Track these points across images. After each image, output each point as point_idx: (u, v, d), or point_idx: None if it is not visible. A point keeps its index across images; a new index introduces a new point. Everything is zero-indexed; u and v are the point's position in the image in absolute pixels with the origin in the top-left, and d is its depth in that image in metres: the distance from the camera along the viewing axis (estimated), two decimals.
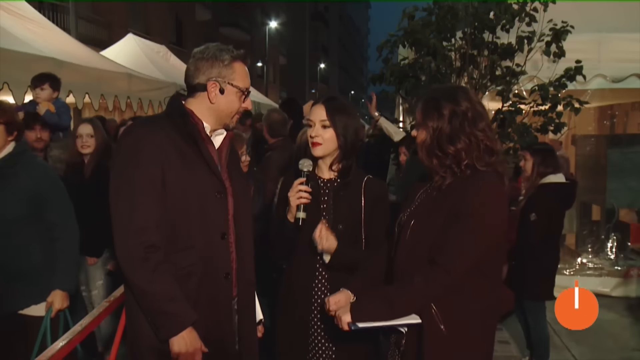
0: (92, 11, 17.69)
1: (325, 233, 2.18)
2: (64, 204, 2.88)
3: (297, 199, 2.19)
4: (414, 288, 1.81)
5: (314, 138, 2.26)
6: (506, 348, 4.40)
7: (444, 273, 1.78)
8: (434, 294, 1.80)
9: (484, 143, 1.86)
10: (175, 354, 1.88)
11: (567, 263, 5.94)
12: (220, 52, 1.97)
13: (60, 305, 2.78)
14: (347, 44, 71.27)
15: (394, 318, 1.83)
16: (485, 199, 1.80)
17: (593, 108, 7.26)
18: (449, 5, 4.79)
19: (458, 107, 1.86)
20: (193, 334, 1.89)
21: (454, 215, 1.80)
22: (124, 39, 10.88)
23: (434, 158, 1.88)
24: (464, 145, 1.84)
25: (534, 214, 3.84)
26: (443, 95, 1.91)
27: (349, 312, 1.86)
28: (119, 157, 1.95)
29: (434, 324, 1.80)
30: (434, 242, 1.83)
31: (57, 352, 2.02)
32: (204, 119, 1.99)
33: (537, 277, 3.86)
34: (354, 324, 1.85)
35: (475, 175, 1.84)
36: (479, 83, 4.81)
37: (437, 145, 1.86)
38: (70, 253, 2.86)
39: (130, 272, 1.87)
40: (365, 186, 2.33)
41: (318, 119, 2.27)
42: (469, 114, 1.86)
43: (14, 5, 6.44)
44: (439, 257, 1.79)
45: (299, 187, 2.20)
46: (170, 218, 1.90)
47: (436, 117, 1.87)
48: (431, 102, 1.91)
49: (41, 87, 4.69)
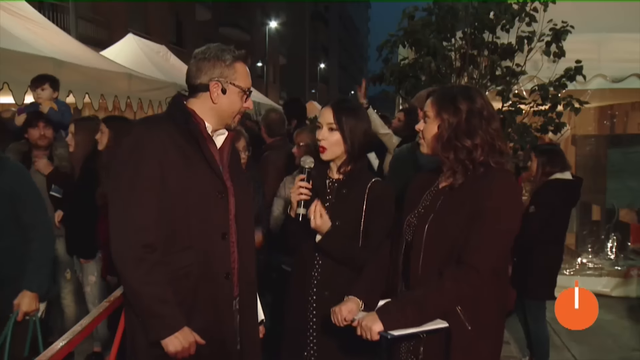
0: (92, 11, 17.69)
1: (320, 209, 2.20)
2: (38, 205, 2.85)
3: (298, 195, 2.23)
4: (444, 290, 1.77)
5: (320, 142, 2.29)
6: (506, 348, 4.39)
7: (474, 272, 1.76)
8: (464, 294, 1.78)
9: (497, 143, 1.87)
10: (172, 354, 1.89)
11: (567, 263, 5.93)
12: (222, 52, 1.98)
13: (27, 308, 2.68)
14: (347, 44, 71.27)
15: (424, 323, 1.78)
16: (505, 196, 1.81)
17: (593, 108, 7.26)
18: (449, 5, 4.79)
19: (474, 105, 1.86)
20: (185, 331, 1.90)
21: (476, 214, 1.79)
22: (124, 39, 10.88)
23: (451, 152, 1.86)
24: (480, 141, 1.84)
25: (532, 207, 3.85)
26: (459, 92, 1.91)
27: (379, 321, 1.76)
28: (119, 156, 1.95)
29: (461, 325, 1.79)
30: (455, 243, 1.81)
31: (57, 352, 2.01)
32: (206, 119, 1.99)
33: (538, 276, 3.86)
34: (387, 332, 1.75)
35: (490, 173, 1.84)
36: (479, 83, 4.81)
37: (455, 137, 1.85)
38: (43, 254, 2.79)
39: (124, 271, 1.87)
40: (370, 188, 2.33)
41: (325, 122, 2.29)
42: (484, 112, 1.87)
43: (14, 5, 6.43)
44: (466, 256, 1.77)
45: (299, 183, 2.24)
46: (170, 218, 1.90)
47: (452, 110, 1.86)
48: (447, 96, 1.90)
49: (42, 87, 4.74)
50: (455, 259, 1.80)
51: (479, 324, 1.81)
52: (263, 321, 2.26)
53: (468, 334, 1.79)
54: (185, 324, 1.90)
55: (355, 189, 2.32)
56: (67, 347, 2.08)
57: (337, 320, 1.99)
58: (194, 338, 1.92)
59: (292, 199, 2.26)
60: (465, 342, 1.79)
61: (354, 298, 2.03)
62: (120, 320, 2.51)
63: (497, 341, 1.94)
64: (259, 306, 2.21)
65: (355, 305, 2.01)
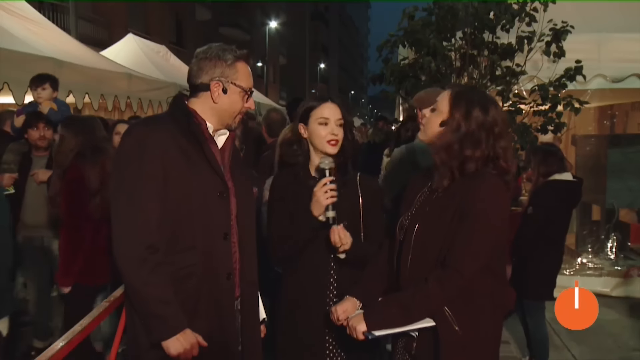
0: (92, 11, 17.69)
1: (344, 234, 2.16)
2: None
3: (327, 198, 2.17)
4: (429, 292, 1.79)
5: (334, 136, 2.27)
6: (506, 348, 4.39)
7: (457, 274, 1.78)
8: (449, 296, 1.80)
9: (502, 162, 1.84)
10: (174, 356, 1.88)
11: (567, 263, 5.93)
12: (223, 52, 1.97)
13: None
14: (347, 44, 71.27)
15: (409, 323, 1.81)
16: (489, 198, 1.81)
17: (593, 108, 7.26)
18: (449, 5, 4.79)
19: (486, 117, 1.83)
20: (187, 333, 1.89)
21: (462, 216, 1.80)
22: (124, 39, 10.88)
23: (443, 152, 1.84)
24: (480, 154, 1.82)
25: (531, 208, 3.85)
26: (477, 98, 1.87)
27: (364, 321, 1.85)
28: (121, 156, 1.94)
29: (448, 325, 1.80)
30: (442, 245, 1.82)
31: (57, 352, 2.01)
32: (207, 119, 1.99)
33: (538, 277, 3.85)
34: (370, 332, 1.83)
35: (477, 176, 1.83)
36: (479, 83, 4.81)
37: (457, 142, 1.83)
38: None
39: (126, 272, 1.86)
40: (360, 183, 2.35)
41: (335, 118, 2.29)
42: (495, 128, 1.84)
43: (14, 5, 6.44)
44: (450, 259, 1.79)
45: (327, 186, 2.18)
46: (172, 218, 1.90)
47: (464, 114, 1.83)
48: (464, 97, 1.87)
49: (42, 87, 4.73)
50: (441, 262, 1.81)
51: (469, 324, 1.81)
52: (265, 320, 2.25)
53: (456, 333, 1.80)
54: (187, 326, 1.89)
55: (348, 184, 2.34)
56: (67, 347, 2.08)
57: (334, 320, 2.04)
58: (196, 339, 1.91)
59: (322, 202, 2.16)
60: (453, 341, 1.80)
61: (352, 298, 2.07)
62: (121, 320, 2.51)
63: (492, 340, 1.93)
64: (260, 306, 2.20)
65: (351, 305, 2.04)
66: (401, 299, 1.86)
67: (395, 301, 1.87)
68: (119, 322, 2.60)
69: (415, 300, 1.81)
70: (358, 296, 2.07)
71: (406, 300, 1.83)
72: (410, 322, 1.81)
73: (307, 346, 2.30)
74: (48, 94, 4.74)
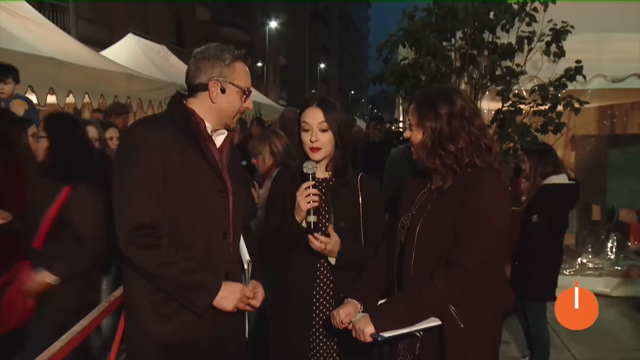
0: (92, 11, 17.67)
1: (326, 240, 2.15)
2: None
3: (307, 202, 2.14)
4: (435, 290, 1.79)
5: (313, 143, 2.22)
6: (506, 348, 4.39)
7: (462, 272, 1.78)
8: (455, 293, 1.80)
9: (482, 141, 1.87)
10: (232, 310, 1.92)
11: (567, 263, 5.93)
12: (222, 51, 1.98)
13: None
14: (347, 44, 71.27)
15: (416, 323, 1.81)
16: (491, 196, 1.82)
17: (593, 108, 7.26)
18: (449, 5, 4.78)
19: (454, 107, 1.87)
20: (228, 286, 1.91)
21: (465, 215, 1.80)
22: (124, 39, 10.90)
23: (436, 158, 1.88)
24: (464, 143, 1.85)
25: (535, 216, 3.83)
26: (438, 95, 1.91)
27: (371, 323, 1.83)
28: (120, 155, 1.95)
29: (454, 323, 1.81)
30: (445, 243, 1.83)
31: (57, 352, 2.01)
32: (206, 119, 1.99)
33: (540, 278, 3.86)
34: (378, 334, 1.81)
35: (477, 173, 1.85)
36: (479, 83, 4.81)
37: (439, 145, 1.86)
38: None
39: (140, 263, 1.87)
40: (360, 184, 2.33)
41: (316, 123, 2.23)
42: (466, 112, 1.87)
43: (14, 5, 6.45)
44: (455, 256, 1.80)
45: (308, 190, 2.15)
46: (172, 217, 1.90)
47: (433, 117, 1.87)
48: (426, 102, 1.91)
49: (5, 81, 4.33)
50: (445, 259, 1.82)
51: (473, 322, 1.82)
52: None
53: (461, 331, 1.80)
54: (221, 283, 1.91)
55: (348, 186, 2.31)
56: (67, 347, 2.08)
57: (336, 324, 2.01)
58: (240, 286, 1.95)
59: (302, 207, 2.15)
60: (458, 339, 1.80)
61: (353, 301, 2.05)
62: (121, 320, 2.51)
63: (494, 339, 1.94)
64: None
65: (353, 308, 2.03)
66: (407, 297, 1.85)
67: (401, 300, 1.86)
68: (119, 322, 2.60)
69: (421, 297, 1.81)
70: (359, 299, 2.05)
71: (412, 298, 1.83)
72: (416, 320, 1.81)
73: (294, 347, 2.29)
74: (11, 89, 4.34)
